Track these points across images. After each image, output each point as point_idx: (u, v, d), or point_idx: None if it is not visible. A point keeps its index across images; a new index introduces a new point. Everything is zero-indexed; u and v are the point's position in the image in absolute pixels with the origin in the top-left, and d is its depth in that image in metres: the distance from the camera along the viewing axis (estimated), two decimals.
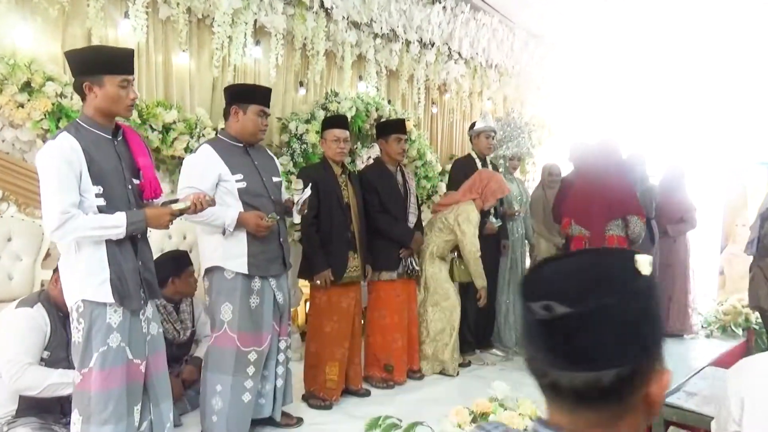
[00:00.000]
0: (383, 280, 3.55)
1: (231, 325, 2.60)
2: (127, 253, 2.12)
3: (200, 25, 4.14)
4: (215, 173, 2.58)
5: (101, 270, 2.04)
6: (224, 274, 2.61)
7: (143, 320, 2.20)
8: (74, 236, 1.98)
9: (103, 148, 2.06)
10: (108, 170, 2.06)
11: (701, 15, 5.94)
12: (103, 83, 2.03)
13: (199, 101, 4.14)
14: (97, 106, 2.06)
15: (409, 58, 5.55)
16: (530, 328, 0.74)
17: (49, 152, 1.96)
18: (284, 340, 2.83)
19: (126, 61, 2.11)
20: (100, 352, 2.05)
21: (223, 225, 2.55)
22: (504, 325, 4.42)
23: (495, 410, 2.60)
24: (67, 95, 3.34)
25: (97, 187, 2.01)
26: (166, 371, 2.36)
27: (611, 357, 0.70)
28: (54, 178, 1.94)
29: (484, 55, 6.40)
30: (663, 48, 7.03)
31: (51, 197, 1.94)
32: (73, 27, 3.51)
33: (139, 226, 2.08)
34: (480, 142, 4.32)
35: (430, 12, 5.60)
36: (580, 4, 5.93)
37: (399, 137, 3.58)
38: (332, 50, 4.93)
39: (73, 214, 1.95)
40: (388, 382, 3.55)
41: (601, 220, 3.45)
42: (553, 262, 0.79)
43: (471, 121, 6.32)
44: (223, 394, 2.59)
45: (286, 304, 2.81)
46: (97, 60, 2.06)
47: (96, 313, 2.05)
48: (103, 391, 2.06)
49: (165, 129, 3.74)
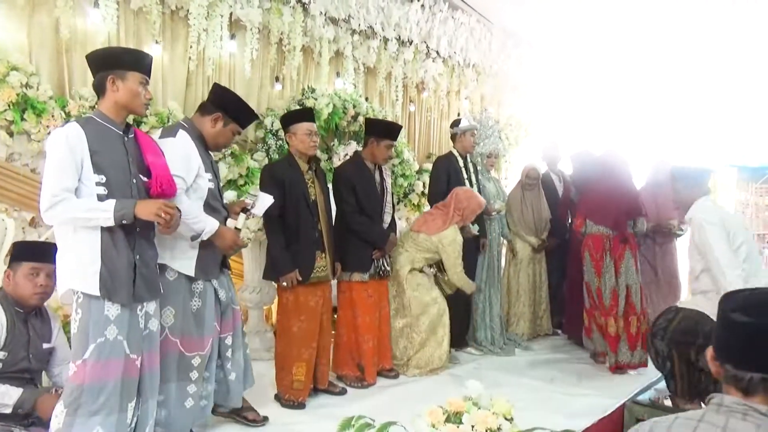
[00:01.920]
0: (355, 281, 3.51)
1: (173, 330, 2.46)
2: (122, 248, 2.10)
3: (174, 17, 4.06)
4: (195, 165, 2.47)
5: (94, 260, 2.05)
6: (166, 275, 2.44)
7: (141, 315, 2.19)
8: (64, 217, 2.02)
9: (110, 141, 2.12)
10: (112, 162, 2.10)
11: (677, 17, 6.04)
12: (126, 78, 2.13)
13: (172, 94, 4.06)
14: (117, 100, 2.14)
15: (387, 56, 5.53)
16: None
17: (54, 138, 2.05)
18: (229, 336, 2.71)
19: (149, 63, 2.24)
20: (97, 344, 2.05)
21: (199, 231, 2.43)
22: (480, 324, 4.41)
23: (469, 409, 2.58)
24: (32, 85, 3.23)
25: (99, 176, 2.07)
26: (158, 369, 2.33)
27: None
28: (53, 163, 2.02)
29: (462, 54, 6.41)
30: (638, 50, 7.13)
31: (47, 180, 2.02)
32: (40, 15, 3.41)
33: (126, 213, 2.05)
34: (465, 139, 4.31)
35: (408, 10, 5.59)
36: (557, 5, 5.98)
37: (391, 144, 3.54)
38: (309, 46, 4.88)
39: (64, 198, 2.00)
40: (362, 381, 3.52)
41: (623, 219, 3.90)
42: None
43: (448, 119, 6.33)
44: (166, 403, 2.46)
45: (228, 301, 2.70)
46: (123, 57, 2.19)
47: (93, 305, 2.06)
48: (97, 383, 2.04)
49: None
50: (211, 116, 2.58)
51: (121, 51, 2.38)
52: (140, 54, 2.27)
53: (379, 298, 3.62)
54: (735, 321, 1.17)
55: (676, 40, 6.63)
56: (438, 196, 4.19)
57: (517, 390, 3.36)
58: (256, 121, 4.42)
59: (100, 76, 2.14)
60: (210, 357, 2.62)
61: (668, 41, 6.70)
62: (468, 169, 4.36)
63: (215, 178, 2.63)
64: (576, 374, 3.88)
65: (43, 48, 3.42)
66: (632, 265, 3.88)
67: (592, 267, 3.91)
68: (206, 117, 2.60)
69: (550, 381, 3.72)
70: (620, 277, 3.86)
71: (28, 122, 3.22)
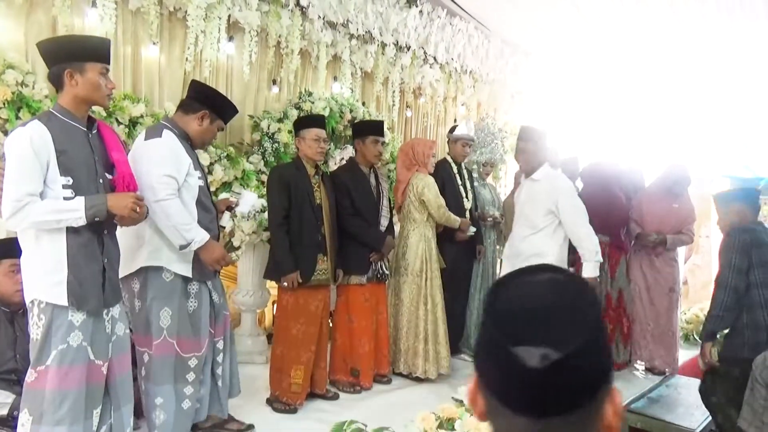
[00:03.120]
0: (353, 284, 3.50)
1: (170, 331, 2.43)
2: (91, 252, 2.01)
3: (172, 18, 4.05)
4: (185, 163, 2.43)
5: (59, 270, 1.95)
6: (162, 276, 2.42)
7: (107, 320, 2.11)
8: (29, 222, 1.90)
9: (75, 139, 2.00)
10: (79, 162, 1.99)
11: (673, 27, 6.07)
12: (85, 70, 1.99)
13: (168, 95, 4.04)
14: (77, 94, 2.00)
15: (384, 61, 5.53)
16: (518, 376, 0.68)
17: (16, 139, 1.91)
18: (220, 340, 2.69)
19: (106, 50, 2.08)
20: (59, 350, 1.96)
21: (189, 240, 2.37)
22: (474, 330, 4.41)
23: (461, 415, 2.58)
24: (28, 84, 3.21)
25: (66, 178, 1.94)
26: (130, 374, 2.26)
27: (588, 393, 0.69)
28: (15, 166, 1.89)
29: (459, 60, 6.43)
30: (634, 58, 7.16)
31: (9, 185, 1.89)
32: (37, 14, 3.39)
33: (99, 209, 1.95)
34: (456, 148, 4.31)
35: (406, 15, 5.60)
36: (554, 14, 6.00)
37: (376, 139, 3.53)
38: (307, 49, 4.88)
39: (27, 202, 1.89)
40: (355, 387, 3.50)
41: (619, 228, 4.20)
42: (514, 289, 0.75)
43: (445, 125, 6.35)
44: (164, 406, 2.44)
45: (221, 305, 2.69)
46: (79, 47, 2.03)
47: (57, 311, 1.97)
48: (59, 390, 1.96)
49: (132, 123, 3.64)
50: (196, 114, 2.53)
51: (76, 40, 2.18)
52: (97, 42, 2.12)
53: (376, 302, 3.61)
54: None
55: (675, 45, 6.66)
56: None
57: None
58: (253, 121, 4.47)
59: (57, 68, 1.99)
60: (205, 359, 2.60)
61: (667, 47, 6.73)
62: (462, 175, 4.36)
63: (204, 175, 2.60)
64: None
65: None
66: (625, 271, 4.23)
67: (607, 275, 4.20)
68: (191, 115, 2.54)
69: None
70: (615, 282, 4.19)
71: (23, 121, 3.20)
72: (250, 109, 4.56)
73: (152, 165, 2.33)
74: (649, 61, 7.14)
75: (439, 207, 3.78)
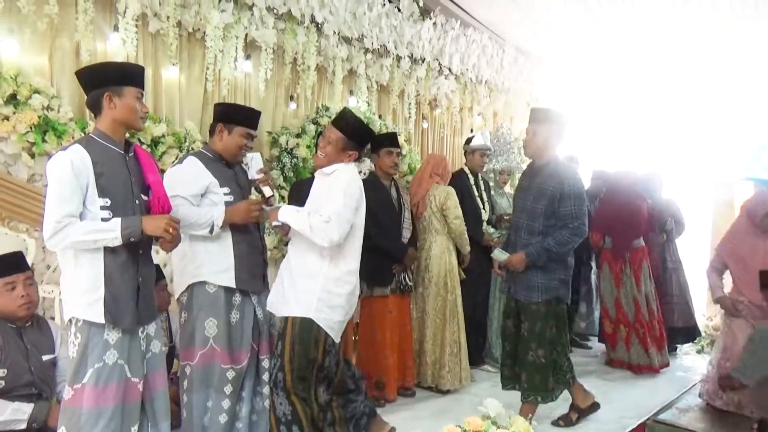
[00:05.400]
0: (376, 296, 3.51)
1: (216, 340, 2.53)
2: (127, 271, 2.08)
3: (190, 39, 4.12)
4: (203, 183, 2.56)
5: (96, 288, 2.02)
6: (206, 288, 2.54)
7: (142, 338, 2.16)
8: (68, 242, 1.97)
9: (113, 162, 2.08)
10: (116, 184, 2.07)
11: (688, 31, 6.03)
12: (123, 94, 2.08)
13: (188, 115, 4.11)
14: (115, 117, 2.08)
15: (399, 74, 5.57)
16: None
17: (57, 162, 1.99)
18: (266, 358, 2.73)
19: (142, 76, 2.19)
20: (95, 368, 2.01)
21: (210, 222, 2.48)
22: (495, 340, 4.37)
23: (487, 428, 2.55)
24: (53, 108, 3.30)
25: (104, 200, 2.03)
26: (167, 391, 2.30)
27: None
28: (56, 188, 1.97)
29: (474, 70, 6.44)
30: (651, 63, 7.12)
31: (50, 206, 1.97)
32: (62, 39, 3.48)
33: (134, 230, 2.02)
34: (474, 159, 4.33)
35: (420, 28, 5.63)
36: (569, 22, 6.00)
37: (390, 150, 3.57)
38: (323, 65, 4.93)
39: (67, 223, 1.96)
40: (379, 400, 3.49)
41: (642, 235, 4.42)
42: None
43: (462, 136, 6.35)
44: (213, 410, 2.53)
45: (266, 321, 2.73)
46: (117, 72, 2.12)
47: (93, 330, 2.03)
48: (96, 408, 2.01)
49: (154, 143, 3.71)
50: (216, 131, 2.68)
51: (114, 66, 2.31)
52: (134, 68, 2.22)
53: (400, 314, 3.61)
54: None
55: (689, 50, 6.61)
56: None
57: None
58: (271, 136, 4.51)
59: (95, 93, 2.07)
60: (247, 375, 2.64)
61: (681, 52, 6.68)
62: (479, 186, 4.36)
63: (235, 192, 2.65)
64: (594, 391, 3.82)
65: (63, 71, 3.49)
66: (648, 274, 4.39)
67: (612, 278, 4.37)
68: (214, 136, 2.70)
69: (567, 399, 3.67)
70: (640, 287, 4.33)
71: (49, 144, 3.28)
72: (268, 126, 4.61)
73: (167, 188, 2.45)
74: (664, 67, 7.08)
75: (456, 217, 3.82)
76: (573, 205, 2.97)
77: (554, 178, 2.99)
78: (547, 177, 3.02)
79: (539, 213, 3.02)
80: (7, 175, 3.27)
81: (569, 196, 2.97)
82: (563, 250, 2.99)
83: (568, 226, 2.97)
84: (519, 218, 3.14)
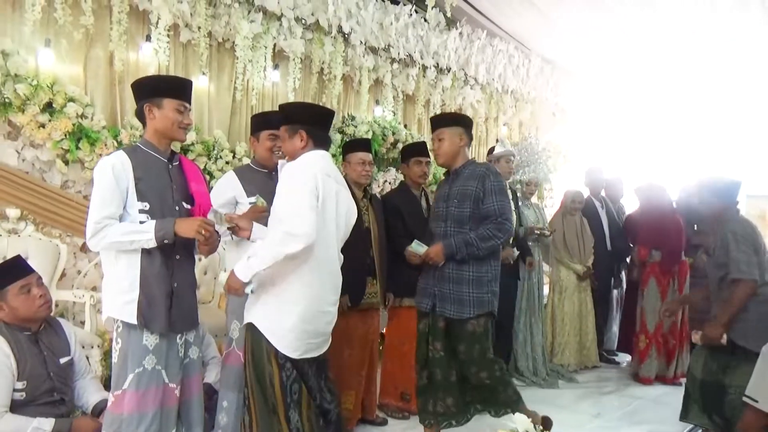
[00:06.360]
0: (404, 307, 3.48)
1: (238, 342, 2.56)
2: (161, 275, 2.11)
3: (220, 49, 4.18)
4: (229, 195, 2.66)
5: (132, 289, 2.07)
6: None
7: (180, 344, 2.19)
8: (106, 242, 2.04)
9: (155, 169, 2.15)
10: (155, 189, 2.13)
11: (713, 43, 5.93)
12: (162, 105, 2.14)
13: (217, 123, 4.16)
14: (156, 127, 2.16)
15: (425, 83, 5.57)
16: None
17: (101, 166, 2.08)
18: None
19: (184, 89, 2.23)
20: (136, 374, 2.06)
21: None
22: (521, 353, 4.31)
23: None
24: (87, 116, 3.36)
25: (142, 204, 2.09)
26: (201, 397, 2.32)
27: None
28: (98, 191, 2.06)
29: (500, 80, 6.42)
30: (680, 75, 7.01)
31: (92, 208, 2.05)
32: (96, 50, 3.55)
33: (167, 231, 2.06)
34: (501, 166, 4.26)
35: (446, 38, 5.64)
36: (595, 32, 5.95)
37: (418, 160, 3.55)
38: (349, 74, 4.96)
39: (106, 224, 2.03)
40: (404, 412, 3.45)
41: (680, 249, 4.43)
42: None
43: (486, 146, 6.32)
44: (228, 411, 2.56)
45: None
46: (159, 85, 2.21)
47: (132, 335, 2.07)
48: (137, 413, 2.04)
49: (183, 150, 3.75)
50: (251, 142, 2.81)
51: (157, 79, 2.39)
52: (176, 81, 2.29)
53: None
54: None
55: (717, 62, 6.50)
56: None
57: (560, 425, 3.23)
58: None
59: (140, 104, 2.17)
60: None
61: (712, 63, 6.57)
62: None
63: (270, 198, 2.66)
64: (623, 410, 3.74)
65: (97, 80, 3.56)
66: (677, 287, 4.41)
67: (658, 292, 4.37)
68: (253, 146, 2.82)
69: (596, 416, 3.60)
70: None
71: (83, 151, 3.34)
72: None
73: None
74: (694, 79, 6.98)
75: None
76: (495, 201, 2.75)
77: (474, 178, 2.80)
78: (467, 179, 2.82)
79: (467, 217, 2.79)
80: (41, 182, 3.34)
81: (491, 192, 2.75)
82: (484, 245, 2.71)
83: (492, 221, 2.75)
84: (446, 228, 2.84)
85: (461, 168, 2.87)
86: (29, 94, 3.14)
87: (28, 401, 2.29)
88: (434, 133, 2.92)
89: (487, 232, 2.72)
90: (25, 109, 3.15)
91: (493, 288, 2.81)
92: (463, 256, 2.73)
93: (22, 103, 3.13)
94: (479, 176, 2.78)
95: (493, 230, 2.72)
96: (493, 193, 2.75)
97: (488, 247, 2.73)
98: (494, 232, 2.72)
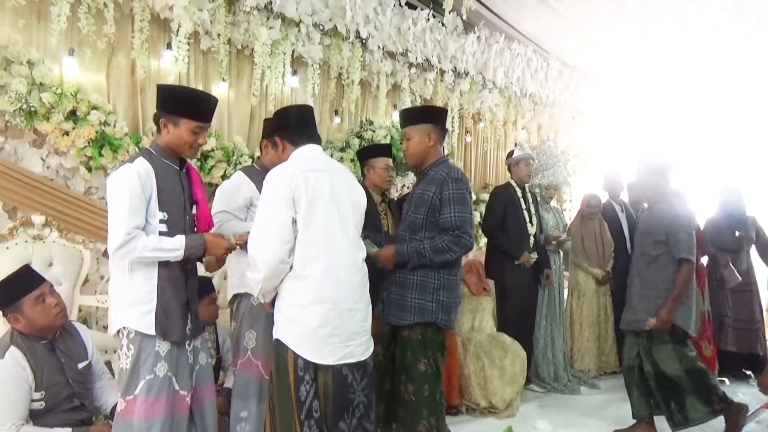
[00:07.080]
0: None
1: (254, 351, 2.57)
2: (177, 286, 2.11)
3: (239, 56, 4.22)
4: (244, 196, 2.64)
5: (148, 300, 2.05)
6: (251, 300, 2.57)
7: (189, 350, 2.18)
8: (134, 255, 2.00)
9: (170, 177, 2.14)
10: (173, 198, 2.12)
11: (739, 43, 5.83)
12: (178, 125, 2.11)
13: (236, 129, 4.20)
14: (167, 142, 2.14)
15: (443, 87, 5.56)
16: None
17: (126, 174, 2.01)
18: None
19: (207, 111, 2.18)
20: (147, 380, 2.04)
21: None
22: (542, 360, 4.27)
23: None
24: (110, 123, 3.41)
25: (162, 213, 2.07)
26: (214, 403, 2.31)
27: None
28: (126, 200, 1.99)
29: (519, 84, 6.38)
30: (694, 79, 6.92)
31: (119, 217, 1.99)
32: (118, 58, 3.61)
33: (197, 250, 2.07)
34: (520, 170, 4.24)
35: (464, 42, 5.62)
36: (613, 34, 5.89)
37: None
38: (367, 79, 4.97)
39: (135, 236, 1.99)
40: None
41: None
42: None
43: (505, 150, 6.29)
44: (249, 419, 2.55)
45: None
46: (180, 102, 2.13)
47: (145, 341, 2.05)
48: (146, 420, 2.02)
49: (203, 157, 3.79)
50: (262, 148, 2.83)
51: (181, 94, 2.25)
52: (199, 101, 2.17)
53: None
54: None
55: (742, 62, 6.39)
56: (492, 227, 4.18)
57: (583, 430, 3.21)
58: None
59: (157, 114, 2.13)
60: None
61: (732, 65, 6.47)
62: (527, 199, 4.28)
63: None
64: None
65: (119, 88, 3.62)
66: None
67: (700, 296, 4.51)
68: (263, 150, 2.84)
69: (618, 423, 3.54)
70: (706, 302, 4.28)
71: (105, 158, 3.39)
72: None
73: (214, 203, 2.67)
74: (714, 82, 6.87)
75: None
76: (453, 212, 2.52)
77: (433, 183, 2.58)
78: (428, 182, 2.61)
79: (420, 224, 2.59)
80: (65, 188, 3.40)
81: (448, 201, 2.52)
82: (437, 258, 2.52)
83: (448, 233, 2.54)
84: (402, 232, 2.70)
85: (428, 169, 2.67)
86: (54, 102, 3.19)
87: (48, 410, 2.26)
88: (402, 131, 2.75)
89: (443, 245, 2.53)
90: (50, 117, 3.20)
91: (441, 297, 2.57)
92: (415, 265, 2.56)
93: (47, 111, 3.19)
94: (438, 181, 2.57)
95: (449, 243, 2.53)
96: (451, 202, 2.53)
97: (441, 260, 2.54)
98: (450, 245, 2.53)
